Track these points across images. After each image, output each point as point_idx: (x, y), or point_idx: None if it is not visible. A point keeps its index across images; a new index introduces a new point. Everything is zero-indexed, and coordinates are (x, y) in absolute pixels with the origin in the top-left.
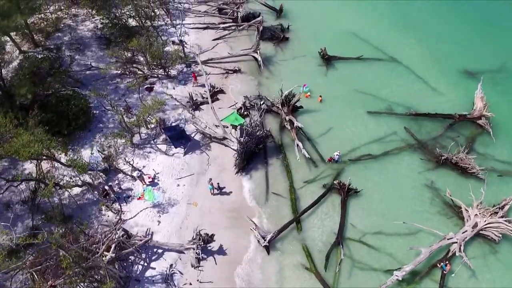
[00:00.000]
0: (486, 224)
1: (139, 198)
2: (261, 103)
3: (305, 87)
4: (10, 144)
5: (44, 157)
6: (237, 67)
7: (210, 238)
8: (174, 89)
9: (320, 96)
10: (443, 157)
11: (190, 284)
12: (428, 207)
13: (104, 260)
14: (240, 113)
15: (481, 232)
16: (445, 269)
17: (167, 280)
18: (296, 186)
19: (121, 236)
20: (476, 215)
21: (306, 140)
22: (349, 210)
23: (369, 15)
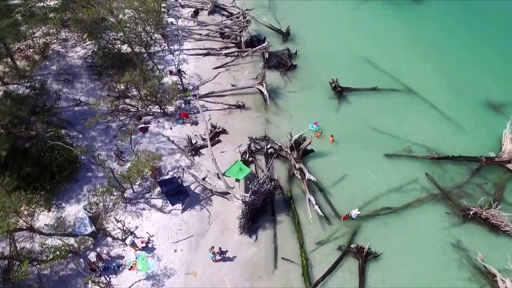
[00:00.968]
0: None
1: (131, 268)
2: (268, 147)
3: (315, 125)
4: None
5: (20, 229)
6: (241, 102)
7: None
8: (172, 129)
9: (332, 136)
10: (471, 212)
11: None
12: (456, 272)
13: None
14: (244, 159)
15: None
16: None
17: None
18: (308, 249)
19: None
20: None
21: (318, 191)
22: (367, 279)
23: (382, 39)
